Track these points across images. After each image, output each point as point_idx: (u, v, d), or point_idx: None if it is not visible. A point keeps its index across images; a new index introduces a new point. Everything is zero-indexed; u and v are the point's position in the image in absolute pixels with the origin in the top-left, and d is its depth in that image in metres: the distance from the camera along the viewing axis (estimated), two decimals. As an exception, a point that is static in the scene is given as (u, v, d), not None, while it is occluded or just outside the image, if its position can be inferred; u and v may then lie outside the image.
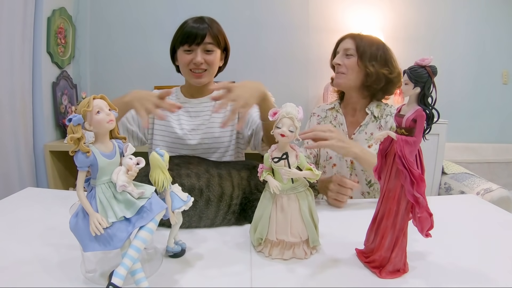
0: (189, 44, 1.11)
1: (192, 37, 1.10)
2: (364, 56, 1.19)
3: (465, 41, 2.65)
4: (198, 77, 1.15)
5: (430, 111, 0.60)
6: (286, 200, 0.70)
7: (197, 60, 1.11)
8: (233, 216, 0.87)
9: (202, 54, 1.12)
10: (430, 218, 0.63)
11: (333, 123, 1.32)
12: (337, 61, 1.24)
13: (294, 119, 0.67)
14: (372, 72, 1.18)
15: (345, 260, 0.71)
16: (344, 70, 1.23)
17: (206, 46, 1.12)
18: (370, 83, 1.20)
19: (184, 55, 1.13)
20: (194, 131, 1.19)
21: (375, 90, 1.22)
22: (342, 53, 1.24)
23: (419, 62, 0.59)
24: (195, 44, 1.11)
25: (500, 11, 2.65)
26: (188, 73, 1.15)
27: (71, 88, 2.41)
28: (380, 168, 0.67)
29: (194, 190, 0.83)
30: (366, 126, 1.25)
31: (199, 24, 1.11)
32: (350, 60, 1.21)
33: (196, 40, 1.10)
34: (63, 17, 2.29)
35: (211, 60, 1.14)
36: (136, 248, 0.55)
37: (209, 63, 1.14)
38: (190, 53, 1.12)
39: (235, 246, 0.77)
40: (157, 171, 0.64)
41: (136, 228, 0.57)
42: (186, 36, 1.10)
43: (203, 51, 1.12)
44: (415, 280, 0.64)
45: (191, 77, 1.16)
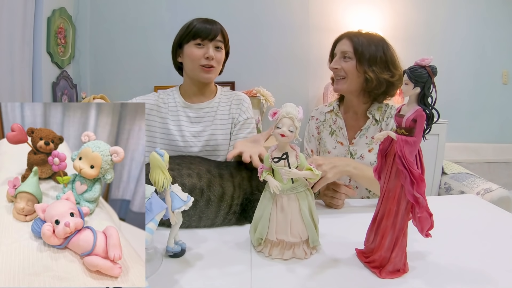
0: (202, 38, 1.12)
1: (206, 32, 1.12)
2: (363, 59, 1.12)
3: (465, 41, 2.65)
4: (208, 72, 1.15)
5: (430, 111, 0.60)
6: (286, 200, 0.70)
7: (210, 54, 1.12)
8: (234, 216, 0.87)
9: (213, 50, 1.14)
10: (430, 218, 0.63)
11: (332, 127, 1.27)
12: (335, 66, 1.17)
13: (294, 119, 0.67)
14: (372, 78, 1.12)
15: (345, 260, 0.71)
16: (343, 74, 1.16)
17: (217, 43, 1.14)
18: (371, 89, 1.15)
19: (195, 49, 1.13)
20: (196, 138, 1.18)
21: (376, 94, 1.17)
22: (339, 56, 1.17)
23: (419, 62, 0.59)
24: (208, 40, 1.12)
25: (500, 11, 2.65)
26: (197, 68, 1.15)
27: (71, 88, 2.41)
28: (380, 168, 0.67)
29: (195, 190, 0.83)
30: (367, 130, 1.21)
31: (212, 23, 1.14)
32: (348, 64, 1.14)
33: (210, 35, 1.12)
34: (63, 17, 2.29)
35: (220, 58, 1.16)
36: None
37: (218, 61, 1.16)
38: (202, 47, 1.13)
39: (235, 246, 0.77)
40: (157, 171, 0.64)
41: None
42: (200, 31, 1.12)
43: (213, 48, 1.14)
44: (415, 280, 0.64)
45: (200, 72, 1.15)
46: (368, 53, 1.13)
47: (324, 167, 0.95)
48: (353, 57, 1.14)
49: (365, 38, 1.16)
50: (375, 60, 1.13)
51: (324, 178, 0.94)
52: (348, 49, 1.15)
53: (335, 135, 1.26)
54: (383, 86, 1.14)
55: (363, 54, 1.12)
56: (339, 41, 1.20)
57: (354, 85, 1.16)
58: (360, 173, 1.01)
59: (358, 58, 1.13)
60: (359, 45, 1.14)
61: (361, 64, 1.13)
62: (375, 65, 1.13)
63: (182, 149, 1.17)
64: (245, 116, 1.22)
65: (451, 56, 2.62)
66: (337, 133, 1.25)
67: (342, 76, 1.17)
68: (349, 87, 1.17)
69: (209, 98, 1.23)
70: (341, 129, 1.24)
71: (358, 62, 1.13)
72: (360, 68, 1.13)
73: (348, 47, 1.15)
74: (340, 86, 1.18)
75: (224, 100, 1.24)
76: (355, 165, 1.02)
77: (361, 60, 1.13)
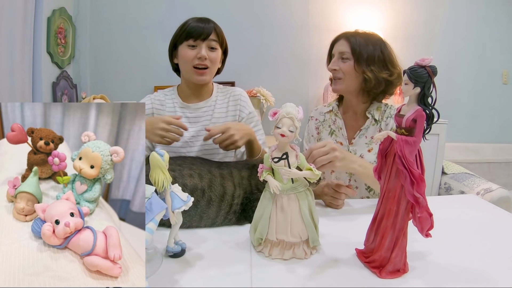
0: (194, 39, 1.10)
1: (199, 32, 1.10)
2: (361, 59, 1.12)
3: (465, 41, 2.65)
4: (200, 74, 1.14)
5: (430, 111, 0.60)
6: (286, 200, 0.70)
7: (202, 54, 1.10)
8: (234, 216, 0.87)
9: (206, 50, 1.12)
10: (430, 218, 0.63)
11: (332, 127, 1.26)
12: (333, 67, 1.17)
13: (294, 119, 0.67)
14: (371, 78, 1.12)
15: (345, 260, 0.71)
16: (341, 75, 1.16)
17: (211, 43, 1.12)
18: (370, 88, 1.15)
19: (187, 50, 1.12)
20: (195, 137, 1.18)
21: (375, 94, 1.17)
22: (337, 57, 1.17)
23: (419, 62, 0.59)
24: (201, 40, 1.10)
25: (500, 11, 2.65)
26: (190, 70, 1.14)
27: (71, 88, 2.41)
28: (380, 168, 0.67)
29: (197, 190, 0.83)
30: (366, 130, 1.20)
31: (205, 22, 1.12)
32: (346, 65, 1.14)
33: (202, 35, 1.10)
34: (63, 17, 2.29)
35: (214, 58, 1.14)
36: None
37: (212, 61, 1.13)
38: (195, 48, 1.12)
39: (235, 246, 0.77)
40: (157, 171, 0.64)
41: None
42: (192, 31, 1.10)
43: (207, 48, 1.12)
44: (415, 280, 0.64)
45: (193, 74, 1.15)
46: (366, 53, 1.12)
47: (337, 153, 0.92)
48: (351, 58, 1.14)
49: (363, 38, 1.15)
50: (373, 60, 1.13)
51: (332, 164, 0.93)
52: (345, 50, 1.14)
53: (334, 135, 1.26)
54: (382, 85, 1.14)
55: (361, 54, 1.12)
56: (337, 41, 1.20)
57: (353, 85, 1.16)
58: (365, 171, 1.00)
59: (356, 58, 1.13)
60: (357, 45, 1.13)
61: (359, 64, 1.13)
62: (373, 64, 1.12)
63: (181, 149, 1.17)
64: (247, 111, 1.23)
65: (451, 56, 2.63)
66: (337, 133, 1.25)
67: (340, 77, 1.17)
68: (348, 87, 1.17)
69: (206, 97, 1.23)
70: (340, 129, 1.24)
71: (356, 62, 1.13)
72: (358, 68, 1.13)
73: (346, 47, 1.15)
74: (338, 86, 1.18)
75: (221, 98, 1.24)
76: (360, 162, 1.01)
77: (359, 60, 1.12)
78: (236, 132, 1.00)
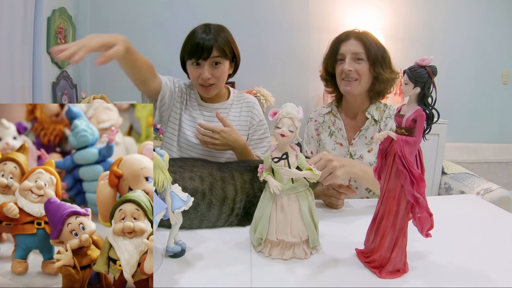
0: (196, 58, 1.10)
1: (199, 52, 1.09)
2: (376, 60, 1.12)
3: (465, 41, 2.65)
4: (206, 90, 1.16)
5: (430, 111, 0.60)
6: (286, 200, 0.70)
7: (205, 76, 1.10)
8: (236, 219, 0.87)
9: (209, 68, 1.11)
10: (430, 218, 0.63)
11: (331, 128, 1.26)
12: (349, 68, 1.13)
13: (294, 119, 0.67)
14: (385, 79, 1.13)
15: (345, 260, 0.71)
16: (356, 77, 1.13)
17: (214, 60, 1.11)
18: (380, 89, 1.15)
19: (192, 69, 1.13)
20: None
21: (378, 93, 1.18)
22: (350, 57, 1.14)
23: (419, 62, 0.59)
24: (202, 59, 1.10)
25: (500, 11, 2.65)
26: (197, 86, 1.17)
27: (71, 88, 2.41)
28: (380, 168, 0.67)
29: (197, 193, 0.83)
30: (366, 131, 1.20)
31: (205, 36, 1.10)
32: (361, 66, 1.13)
33: (203, 55, 1.09)
34: (63, 17, 2.29)
35: (219, 74, 1.13)
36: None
37: (217, 77, 1.13)
38: (198, 67, 1.12)
39: (235, 246, 0.77)
40: (157, 171, 0.64)
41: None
42: (193, 50, 1.09)
43: (210, 65, 1.11)
44: (415, 280, 0.64)
45: (200, 89, 1.18)
46: (379, 53, 1.13)
47: (335, 163, 0.90)
48: (365, 59, 1.13)
49: (371, 38, 1.15)
50: (384, 61, 1.14)
51: (333, 175, 0.90)
52: (359, 50, 1.13)
53: (334, 136, 1.26)
54: (387, 84, 1.16)
55: (376, 56, 1.12)
56: (345, 41, 1.17)
57: (366, 86, 1.16)
58: (365, 175, 1.00)
59: (372, 59, 1.12)
60: (371, 46, 1.13)
61: (374, 65, 1.13)
62: (384, 64, 1.14)
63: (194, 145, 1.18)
64: (258, 119, 1.26)
65: (451, 56, 2.62)
66: (336, 134, 1.25)
67: (355, 78, 1.14)
68: (362, 89, 1.16)
69: (223, 99, 1.25)
70: (340, 130, 1.24)
71: (372, 63, 1.13)
72: (372, 70, 1.13)
73: (359, 48, 1.13)
74: (353, 88, 1.15)
75: (236, 103, 1.26)
76: (361, 167, 1.00)
77: (374, 62, 1.12)
78: (220, 138, 1.08)
